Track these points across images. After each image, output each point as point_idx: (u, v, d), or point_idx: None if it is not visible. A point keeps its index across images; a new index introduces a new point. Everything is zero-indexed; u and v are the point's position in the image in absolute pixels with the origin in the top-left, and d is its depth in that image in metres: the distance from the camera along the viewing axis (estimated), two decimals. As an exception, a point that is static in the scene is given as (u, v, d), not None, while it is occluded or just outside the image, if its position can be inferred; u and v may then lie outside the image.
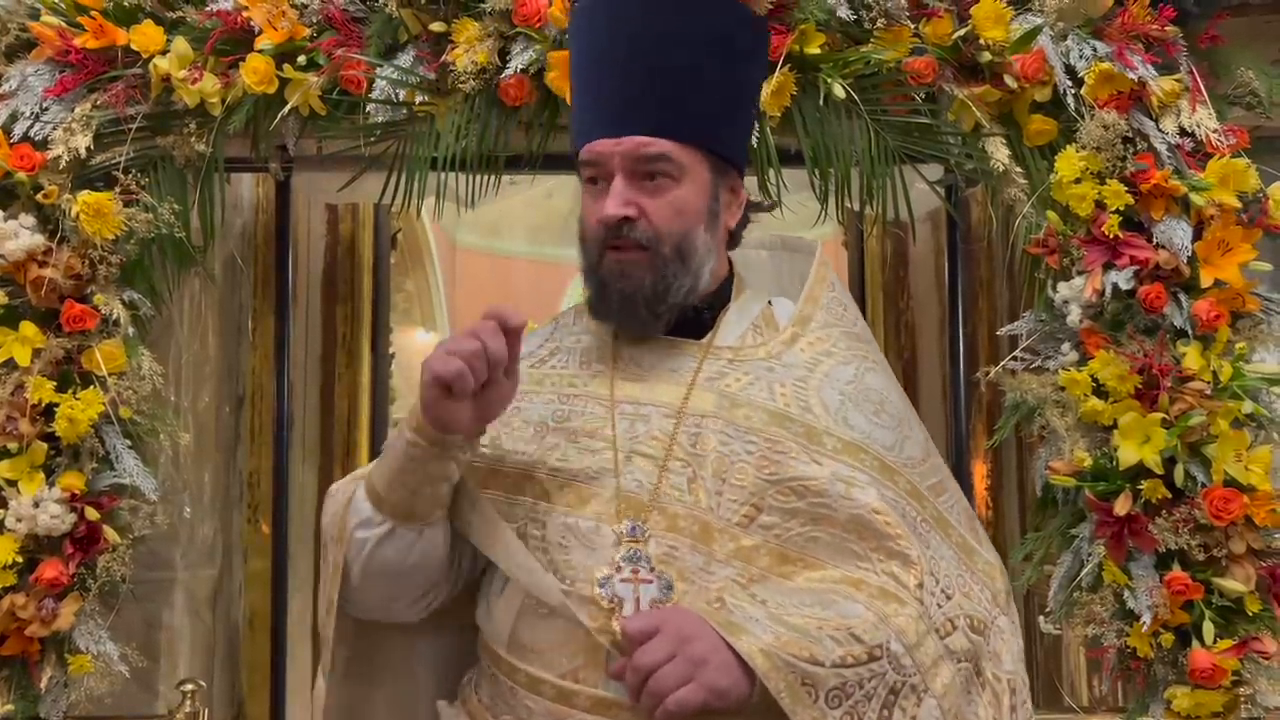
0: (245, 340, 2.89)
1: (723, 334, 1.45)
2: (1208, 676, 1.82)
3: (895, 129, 2.06)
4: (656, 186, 1.36)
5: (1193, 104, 2.04)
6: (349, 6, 2.08)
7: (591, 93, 1.41)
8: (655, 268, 1.36)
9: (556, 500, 1.34)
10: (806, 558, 1.30)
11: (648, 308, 1.38)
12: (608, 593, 1.26)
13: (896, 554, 1.29)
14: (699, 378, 1.39)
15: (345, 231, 3.23)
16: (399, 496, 1.31)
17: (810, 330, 1.46)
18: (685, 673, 1.16)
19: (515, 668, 1.31)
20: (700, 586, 1.27)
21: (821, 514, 1.30)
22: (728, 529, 1.30)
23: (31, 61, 2.09)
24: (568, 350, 1.49)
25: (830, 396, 1.38)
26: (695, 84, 1.38)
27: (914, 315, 3.27)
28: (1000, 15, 2.03)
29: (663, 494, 1.32)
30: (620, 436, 1.36)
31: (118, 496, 2.01)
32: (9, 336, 1.99)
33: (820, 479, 1.30)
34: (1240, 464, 1.86)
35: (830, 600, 1.25)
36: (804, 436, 1.34)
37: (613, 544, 1.29)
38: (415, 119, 2.07)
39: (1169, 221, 1.97)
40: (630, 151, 1.35)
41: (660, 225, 1.36)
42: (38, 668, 1.97)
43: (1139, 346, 1.92)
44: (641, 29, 1.37)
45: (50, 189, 2.01)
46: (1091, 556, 1.93)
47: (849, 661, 1.19)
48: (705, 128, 1.39)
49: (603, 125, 1.37)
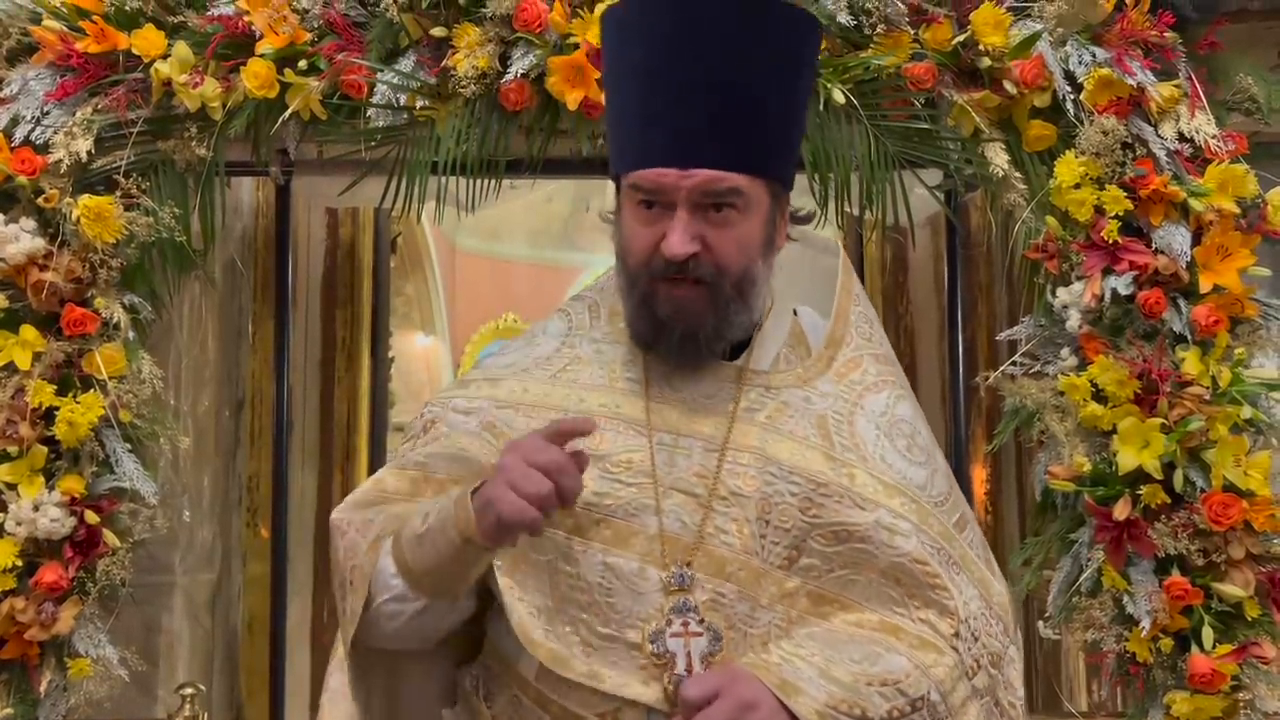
0: (245, 344, 2.89)
1: (757, 355, 1.39)
2: (1207, 681, 1.82)
3: (895, 134, 2.06)
4: (723, 219, 1.27)
5: (1192, 110, 2.04)
6: (350, 11, 2.09)
7: (645, 111, 1.30)
8: (716, 305, 1.29)
9: (592, 536, 1.27)
10: (843, 599, 1.29)
11: (708, 346, 1.33)
12: (659, 648, 1.23)
13: (934, 603, 1.29)
14: (739, 409, 1.34)
15: (345, 235, 3.23)
16: (438, 585, 1.27)
17: (842, 354, 1.42)
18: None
19: (547, 699, 1.28)
20: (744, 633, 1.26)
21: (862, 560, 1.29)
22: (772, 572, 1.28)
23: (33, 65, 2.10)
24: (590, 361, 1.40)
25: (868, 432, 1.36)
26: (763, 111, 1.29)
27: (913, 320, 3.27)
28: (1000, 21, 2.04)
29: (707, 536, 1.27)
30: (659, 469, 1.30)
31: (117, 500, 2.01)
32: (9, 340, 1.99)
33: (864, 525, 1.28)
34: (1239, 469, 1.86)
35: (874, 654, 1.26)
36: (846, 478, 1.31)
37: (658, 589, 1.25)
38: (416, 123, 2.07)
39: (1168, 227, 1.98)
40: (701, 186, 1.25)
41: (724, 261, 1.28)
42: (37, 671, 1.97)
43: (1138, 352, 1.92)
44: (706, 47, 1.26)
45: (51, 193, 2.02)
46: (1091, 561, 1.93)
47: (894, 715, 1.21)
48: (772, 157, 1.33)
49: (666, 152, 1.26)
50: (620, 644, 1.25)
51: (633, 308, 1.34)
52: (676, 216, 1.26)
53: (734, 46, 1.26)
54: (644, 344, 1.36)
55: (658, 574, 1.26)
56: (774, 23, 1.30)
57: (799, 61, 1.34)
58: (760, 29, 1.28)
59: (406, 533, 1.28)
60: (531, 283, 6.90)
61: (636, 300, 1.32)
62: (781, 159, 1.35)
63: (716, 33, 1.26)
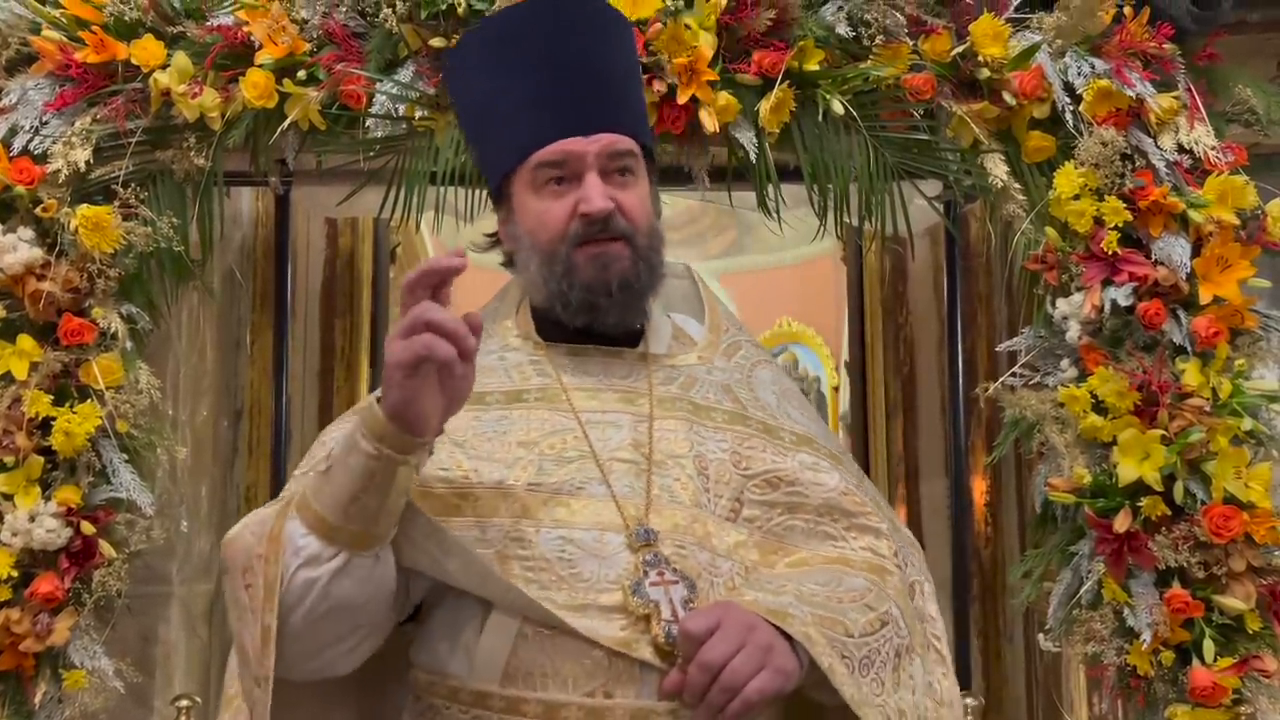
0: (243, 354, 2.89)
1: (653, 343, 1.47)
2: (1208, 695, 1.81)
3: (894, 145, 2.06)
4: (624, 182, 1.37)
5: (1191, 121, 2.04)
6: (349, 22, 2.09)
7: (536, 98, 1.37)
8: (638, 259, 1.37)
9: (543, 516, 1.27)
10: (785, 546, 1.34)
11: (641, 294, 1.38)
12: (642, 599, 1.22)
13: (868, 529, 1.37)
14: (654, 385, 1.41)
15: (344, 245, 3.23)
16: (357, 522, 1.17)
17: (724, 339, 1.53)
18: (758, 660, 1.14)
19: (520, 700, 1.22)
20: (711, 582, 1.27)
21: (796, 502, 1.36)
22: (721, 524, 1.32)
23: (32, 75, 2.10)
24: (494, 369, 1.41)
25: (767, 395, 1.46)
26: (634, 90, 1.45)
27: (913, 331, 3.27)
28: (999, 32, 2.04)
29: (654, 496, 1.31)
30: (596, 444, 1.34)
31: (114, 510, 2.00)
32: (6, 350, 1.99)
33: (791, 468, 1.37)
34: (1240, 481, 1.85)
35: (836, 578, 1.30)
36: (765, 433, 1.40)
37: (624, 549, 1.26)
38: (415, 134, 2.07)
39: (1167, 238, 1.97)
40: (606, 148, 1.35)
41: (636, 218, 1.37)
42: (32, 683, 1.96)
43: (1138, 363, 1.92)
44: (587, 40, 1.38)
45: (49, 202, 2.01)
46: (1091, 574, 1.92)
47: (869, 629, 1.24)
48: (642, 130, 1.45)
49: (567, 124, 1.35)
50: (594, 610, 1.22)
51: (557, 284, 1.37)
52: (587, 180, 1.34)
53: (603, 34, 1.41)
54: (581, 312, 1.37)
55: (619, 536, 1.27)
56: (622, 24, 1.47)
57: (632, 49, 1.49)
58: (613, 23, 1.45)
59: (309, 485, 1.21)
60: (530, 293, 6.89)
61: (560, 274, 1.36)
62: (648, 133, 1.48)
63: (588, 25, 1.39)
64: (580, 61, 1.37)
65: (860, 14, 2.03)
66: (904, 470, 3.23)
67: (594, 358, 1.43)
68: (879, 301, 3.33)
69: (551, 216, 1.36)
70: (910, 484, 3.21)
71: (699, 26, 1.99)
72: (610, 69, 1.40)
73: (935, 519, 3.07)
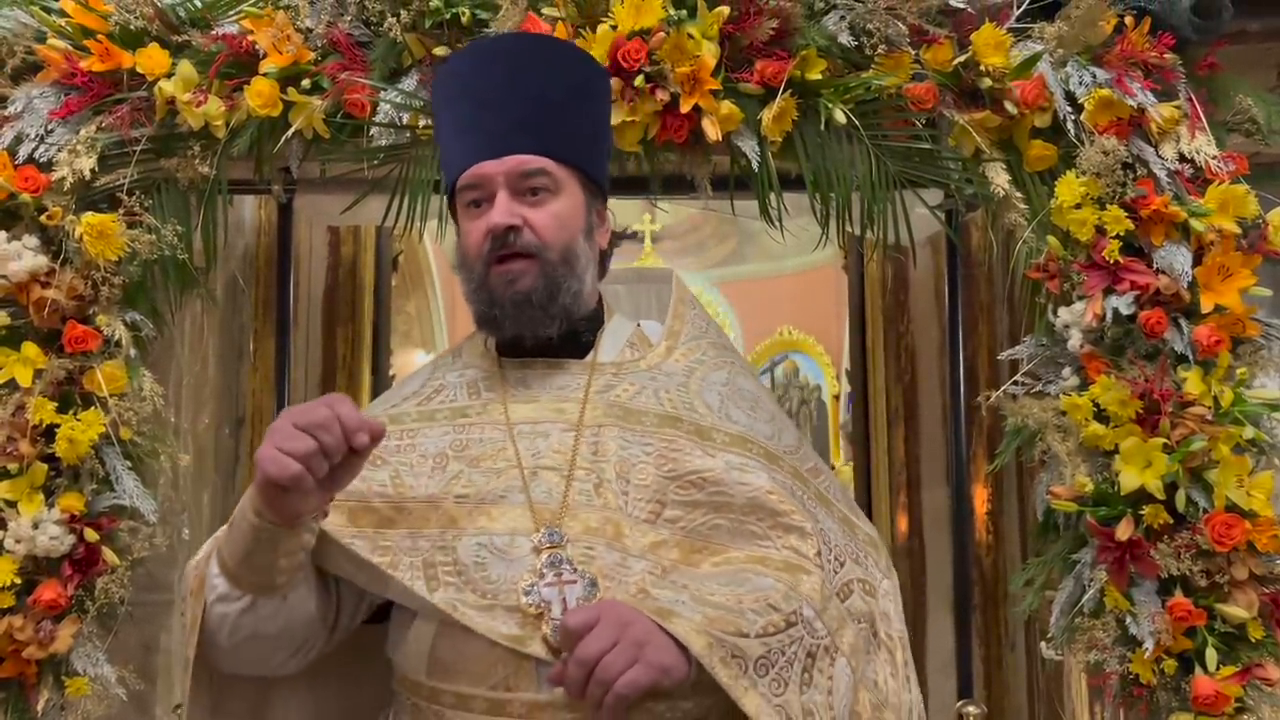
0: (246, 362, 2.89)
1: (604, 352, 1.52)
2: (1211, 703, 1.81)
3: (896, 154, 2.07)
4: (538, 200, 1.44)
5: (1192, 130, 2.05)
6: (353, 31, 2.10)
7: (468, 127, 1.47)
8: (544, 272, 1.43)
9: (466, 524, 1.36)
10: (711, 545, 1.37)
11: (541, 308, 1.43)
12: (534, 599, 1.29)
13: (793, 528, 1.38)
14: (590, 392, 1.46)
15: (347, 254, 3.23)
16: (253, 575, 1.30)
17: (681, 343, 1.56)
18: (631, 655, 1.17)
19: (439, 690, 1.33)
20: (620, 582, 1.32)
21: (720, 501, 1.38)
22: (637, 525, 1.36)
23: (37, 84, 2.11)
24: (453, 385, 1.53)
25: (711, 398, 1.48)
26: (564, 115, 1.49)
27: (914, 339, 3.27)
28: (1000, 42, 2.05)
29: (571, 501, 1.37)
30: (523, 454, 1.41)
31: (117, 518, 2.00)
32: (11, 357, 1.99)
33: (715, 469, 1.39)
34: (1242, 489, 1.86)
35: (743, 578, 1.32)
36: (695, 434, 1.42)
37: (531, 553, 1.33)
38: (418, 142, 2.07)
39: (1169, 247, 1.98)
40: (513, 169, 1.42)
41: (545, 235, 1.43)
42: (35, 690, 1.96)
43: (1140, 371, 1.92)
44: (514, 72, 1.46)
45: (54, 210, 2.02)
46: (1093, 582, 1.92)
47: (770, 630, 1.25)
48: (578, 149, 1.50)
49: (483, 150, 1.44)
50: (498, 609, 1.30)
51: (474, 299, 1.46)
52: (496, 199, 1.42)
53: (539, 72, 1.48)
54: (486, 326, 1.47)
55: (527, 540, 1.34)
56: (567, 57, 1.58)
57: (590, 85, 1.56)
58: (557, 61, 1.53)
59: (224, 531, 1.34)
60: (531, 301, 6.89)
61: (474, 288, 1.46)
62: (590, 158, 1.53)
63: (525, 61, 1.49)
64: (503, 92, 1.45)
65: (862, 24, 2.04)
66: (905, 479, 3.23)
67: (537, 370, 1.50)
68: (880, 310, 3.32)
69: (471, 238, 1.46)
70: (911, 492, 3.20)
71: (702, 36, 2.00)
72: (533, 95, 1.45)
73: (936, 527, 3.07)
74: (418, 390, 1.54)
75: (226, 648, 1.35)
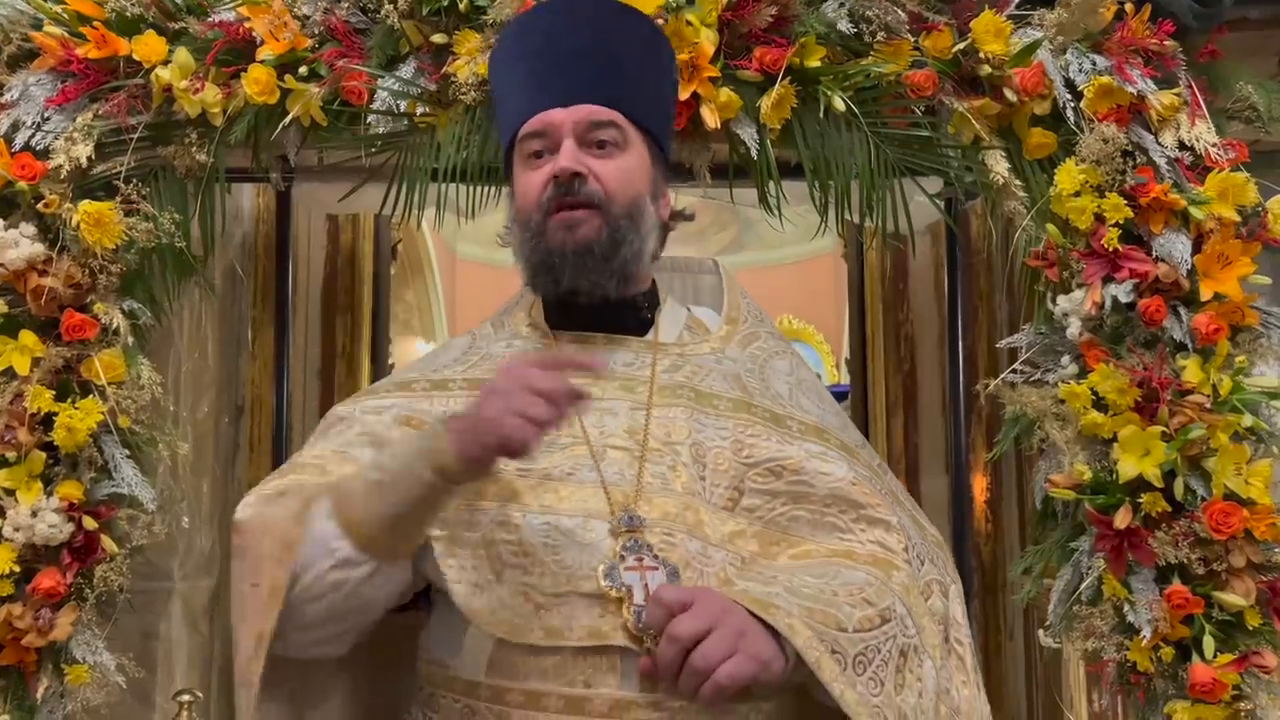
0: (244, 350, 2.89)
1: (664, 331, 1.46)
2: (1208, 691, 1.81)
3: (895, 142, 2.06)
4: (605, 153, 1.38)
5: (1192, 118, 2.04)
6: (351, 18, 2.09)
7: (533, 80, 1.42)
8: (607, 224, 1.35)
9: (530, 501, 1.27)
10: (789, 537, 1.30)
11: (604, 258, 1.35)
12: (615, 583, 1.20)
13: (878, 521, 1.32)
14: (657, 372, 1.39)
15: (345, 242, 3.23)
16: (394, 540, 1.22)
17: (740, 330, 1.51)
18: (730, 644, 1.11)
19: (503, 689, 1.23)
20: (700, 571, 1.24)
21: (800, 491, 1.32)
22: (716, 513, 1.29)
23: (34, 71, 2.10)
24: (500, 355, 1.44)
25: (779, 385, 1.43)
26: (640, 79, 1.45)
27: (913, 328, 3.27)
28: (1000, 29, 2.04)
29: (646, 484, 1.28)
30: (591, 431, 1.32)
31: (116, 506, 2.00)
32: (8, 345, 1.99)
33: (795, 457, 1.33)
34: (1240, 478, 1.85)
35: (833, 571, 1.25)
36: (770, 421, 1.36)
37: (606, 536, 1.24)
38: (416, 130, 2.07)
39: (1168, 235, 1.97)
40: (584, 118, 1.37)
41: (611, 186, 1.36)
42: (34, 678, 1.96)
43: (1139, 360, 1.92)
44: (593, 30, 1.42)
45: (51, 198, 2.01)
46: (1091, 570, 1.92)
47: (866, 625, 1.19)
48: (650, 113, 1.45)
49: (551, 98, 1.38)
50: (574, 597, 1.21)
51: (529, 251, 1.39)
52: (562, 147, 1.36)
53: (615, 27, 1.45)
54: (545, 274, 1.38)
55: (604, 523, 1.25)
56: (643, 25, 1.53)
57: (661, 56, 1.53)
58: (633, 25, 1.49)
59: (355, 489, 1.23)
60: (532, 290, 6.89)
61: (531, 240, 1.38)
62: (660, 122, 1.49)
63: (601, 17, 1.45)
64: (576, 47, 1.41)
65: (862, 10, 2.03)
66: (904, 467, 3.23)
67: (598, 345, 1.42)
68: (879, 298, 3.32)
69: (531, 185, 1.39)
70: (911, 481, 3.20)
71: (700, 23, 1.99)
72: (610, 53, 1.41)
73: (936, 516, 3.04)
74: (459, 358, 1.46)
75: (314, 619, 1.24)
